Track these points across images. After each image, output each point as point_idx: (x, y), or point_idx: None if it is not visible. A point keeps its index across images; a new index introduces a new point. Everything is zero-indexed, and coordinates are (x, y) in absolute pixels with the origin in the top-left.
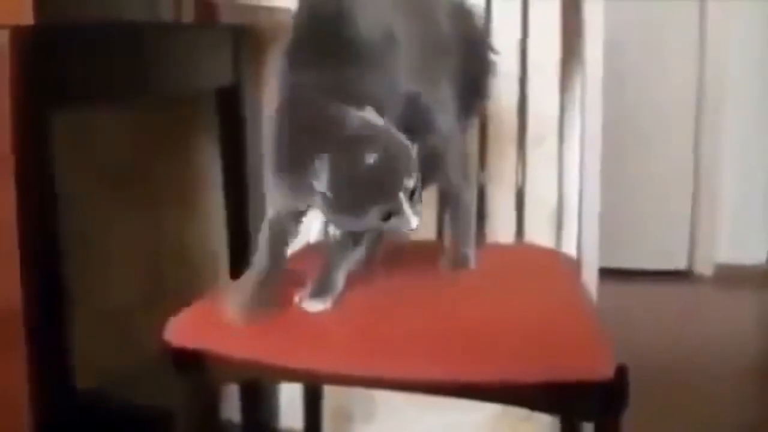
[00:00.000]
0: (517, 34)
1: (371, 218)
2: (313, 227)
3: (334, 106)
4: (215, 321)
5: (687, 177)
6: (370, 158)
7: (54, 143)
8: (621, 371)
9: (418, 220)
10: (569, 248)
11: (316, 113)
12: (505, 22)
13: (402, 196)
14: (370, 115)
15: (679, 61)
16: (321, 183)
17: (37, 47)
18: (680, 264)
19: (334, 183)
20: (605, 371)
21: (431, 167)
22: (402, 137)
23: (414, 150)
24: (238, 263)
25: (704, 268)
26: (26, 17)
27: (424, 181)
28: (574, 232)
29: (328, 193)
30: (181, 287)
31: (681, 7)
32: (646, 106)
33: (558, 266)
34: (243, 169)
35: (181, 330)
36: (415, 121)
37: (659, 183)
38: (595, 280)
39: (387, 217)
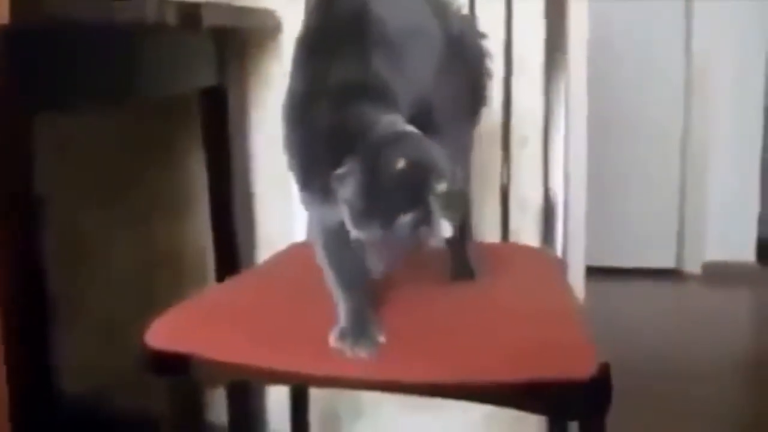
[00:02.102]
0: (501, 35)
1: (401, 228)
2: (297, 227)
3: (365, 106)
4: (198, 324)
5: (674, 174)
6: (400, 163)
7: (35, 146)
8: (603, 369)
9: (451, 228)
10: (555, 247)
11: (344, 111)
12: (488, 21)
13: (433, 202)
14: (398, 119)
15: (666, 59)
16: (346, 189)
17: (13, 48)
18: (669, 262)
19: (362, 190)
20: (587, 370)
21: None
22: (431, 142)
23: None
24: (225, 266)
25: (693, 266)
26: (1, 17)
27: None
28: (560, 231)
29: (355, 202)
30: (168, 290)
31: (666, 5)
32: (633, 105)
33: (543, 265)
34: (228, 169)
35: (164, 333)
36: (420, 121)
37: (647, 181)
38: (581, 279)
39: (417, 226)
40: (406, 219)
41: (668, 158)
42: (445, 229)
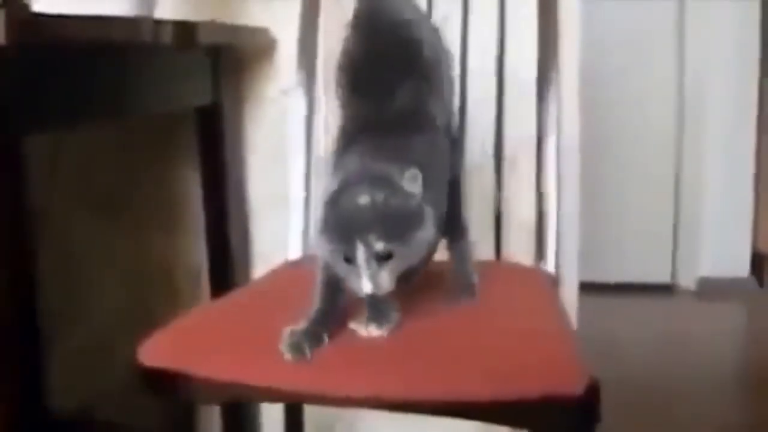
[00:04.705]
0: (494, 52)
1: (335, 257)
2: (291, 244)
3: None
4: (191, 342)
5: (669, 189)
6: (363, 199)
7: (28, 163)
8: (592, 387)
9: (372, 288)
10: (548, 264)
11: (355, 149)
12: (481, 40)
13: (359, 246)
14: (410, 176)
15: (659, 75)
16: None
17: (9, 68)
18: (663, 278)
19: (322, 213)
20: (575, 387)
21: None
22: (416, 207)
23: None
24: (220, 283)
25: (687, 281)
26: None
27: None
28: (553, 247)
29: (318, 221)
30: (162, 307)
31: (660, 17)
32: (627, 120)
33: (535, 283)
34: (223, 187)
35: (157, 351)
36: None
37: (641, 195)
38: (575, 296)
39: (348, 262)
40: (337, 251)
41: (662, 173)
42: (365, 284)
